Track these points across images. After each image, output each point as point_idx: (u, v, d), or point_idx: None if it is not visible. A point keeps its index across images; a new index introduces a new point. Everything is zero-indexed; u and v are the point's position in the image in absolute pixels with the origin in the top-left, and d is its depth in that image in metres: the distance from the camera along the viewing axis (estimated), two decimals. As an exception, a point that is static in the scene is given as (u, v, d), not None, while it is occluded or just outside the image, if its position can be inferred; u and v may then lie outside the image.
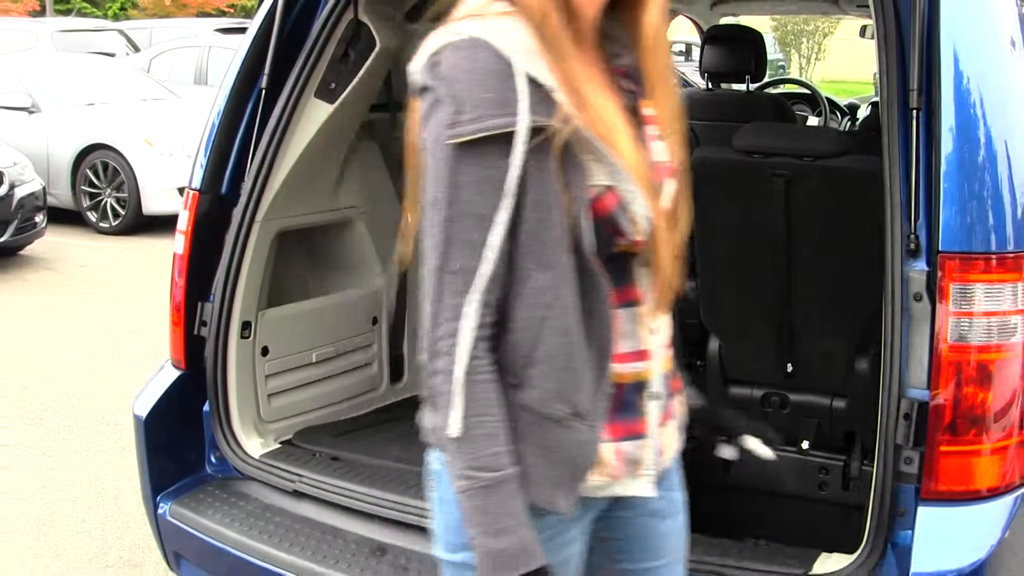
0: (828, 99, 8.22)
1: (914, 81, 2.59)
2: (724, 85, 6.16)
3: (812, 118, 7.90)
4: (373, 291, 4.46)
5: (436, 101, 1.91)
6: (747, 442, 2.43)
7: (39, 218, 10.96)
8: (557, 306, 1.97)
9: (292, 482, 3.53)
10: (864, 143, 3.51)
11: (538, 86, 1.91)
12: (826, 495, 3.60)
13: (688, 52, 23.03)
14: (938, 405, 2.54)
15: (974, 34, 2.67)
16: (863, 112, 8.22)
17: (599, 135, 1.93)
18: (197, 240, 3.73)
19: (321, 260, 4.42)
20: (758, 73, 5.41)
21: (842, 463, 3.57)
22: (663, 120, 2.06)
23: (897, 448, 2.57)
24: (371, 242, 4.43)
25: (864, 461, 3.47)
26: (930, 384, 2.55)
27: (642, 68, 2.06)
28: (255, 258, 3.77)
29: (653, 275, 2.04)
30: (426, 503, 3.25)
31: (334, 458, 3.75)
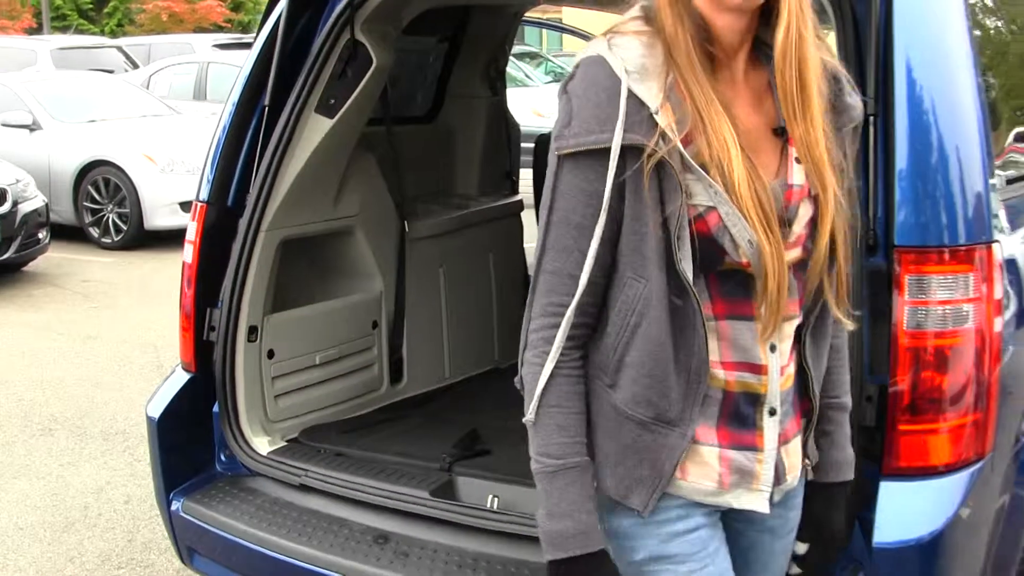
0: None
1: (871, 89, 2.71)
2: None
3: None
4: (373, 296, 4.55)
5: (559, 112, 2.03)
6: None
7: (42, 234, 10.98)
8: (649, 315, 2.03)
9: (299, 476, 3.65)
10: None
11: (641, 106, 1.98)
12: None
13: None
14: (897, 388, 2.68)
15: (927, 44, 2.80)
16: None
17: (706, 157, 1.97)
18: (205, 249, 3.84)
19: (323, 267, 4.48)
20: None
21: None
22: (800, 142, 2.03)
23: (862, 429, 2.69)
24: (370, 249, 4.53)
25: None
26: (890, 369, 2.69)
27: (777, 89, 2.03)
28: (260, 266, 3.88)
29: (760, 296, 2.04)
30: (424, 492, 3.45)
31: (338, 454, 3.87)
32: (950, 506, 2.69)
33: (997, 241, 2.84)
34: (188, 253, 3.87)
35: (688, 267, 2.00)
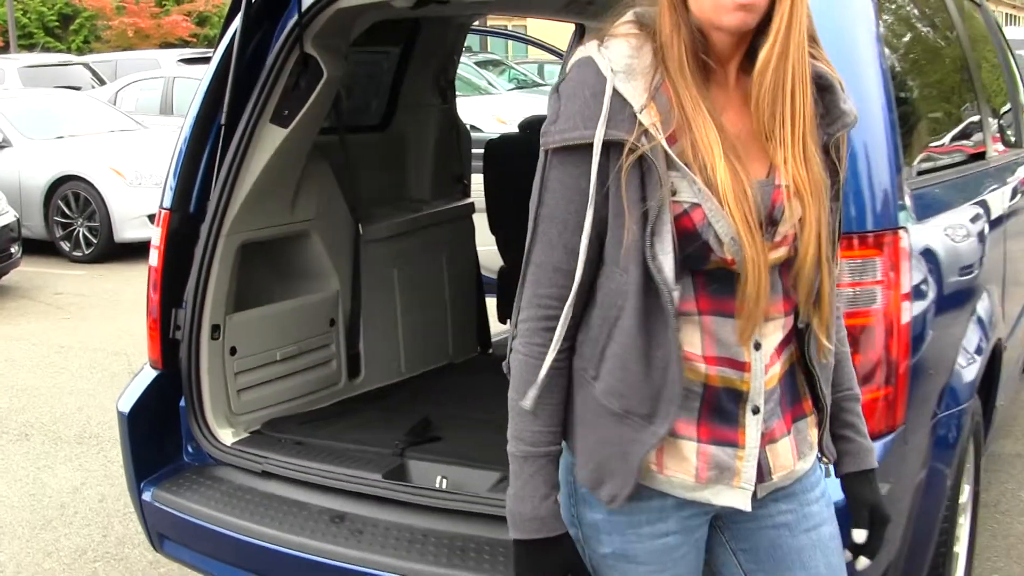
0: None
1: None
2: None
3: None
4: (330, 295, 4.68)
5: (548, 110, 2.08)
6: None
7: (14, 249, 10.97)
8: (626, 307, 2.05)
9: (260, 464, 3.82)
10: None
11: (625, 104, 2.01)
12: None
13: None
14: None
15: (837, 45, 2.86)
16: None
17: (690, 157, 2.00)
18: (169, 254, 3.99)
19: (281, 268, 4.61)
20: None
21: None
22: (777, 155, 2.04)
23: None
24: (325, 251, 4.66)
25: None
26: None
27: (751, 104, 2.06)
28: (222, 268, 4.03)
29: (739, 294, 2.05)
30: (377, 475, 3.64)
31: (298, 443, 4.02)
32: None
33: (904, 228, 3.03)
34: (153, 257, 4.01)
35: (666, 262, 2.02)
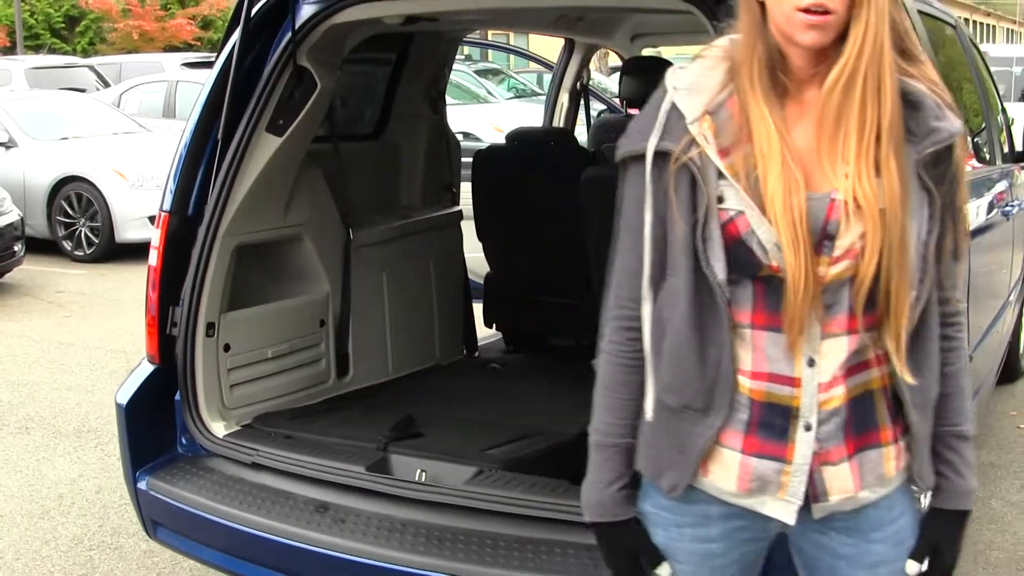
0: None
1: None
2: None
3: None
4: (320, 297, 4.80)
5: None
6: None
7: (18, 247, 11.09)
8: (678, 308, 2.12)
9: (251, 456, 3.95)
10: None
11: (680, 117, 2.11)
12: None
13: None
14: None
15: None
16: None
17: (740, 166, 2.06)
18: (168, 254, 4.12)
19: (274, 270, 4.73)
20: None
21: None
22: (850, 158, 2.04)
23: None
24: (316, 255, 4.78)
25: None
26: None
27: (816, 120, 2.09)
28: (217, 269, 4.15)
29: (784, 305, 2.07)
30: (360, 468, 3.81)
31: (287, 436, 4.15)
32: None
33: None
34: (153, 257, 4.14)
35: (719, 268, 2.07)
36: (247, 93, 4.21)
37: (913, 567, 2.27)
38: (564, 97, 7.24)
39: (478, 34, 13.89)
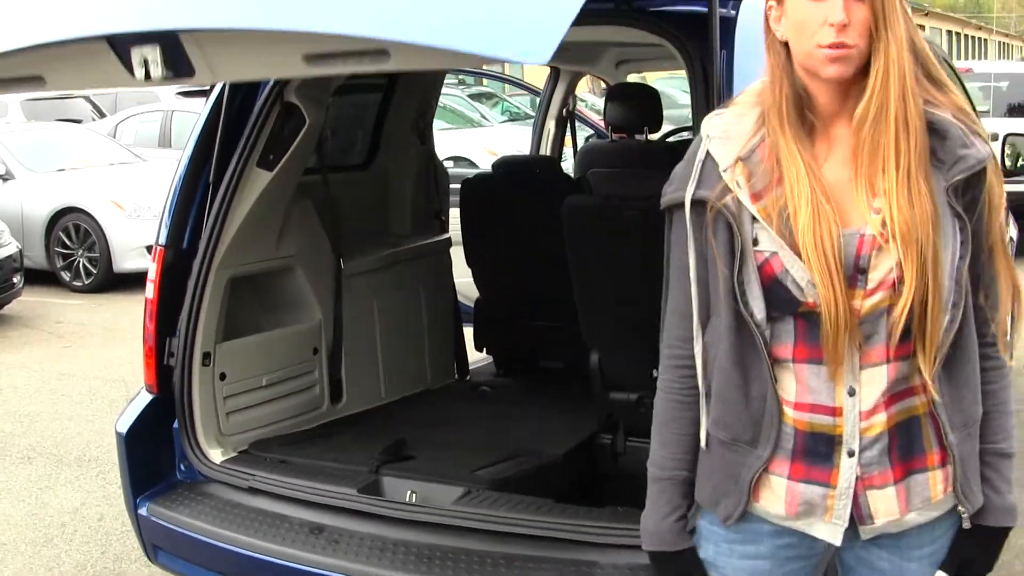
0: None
1: None
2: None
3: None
4: (313, 325, 4.89)
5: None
6: None
7: (17, 279, 11.12)
8: (721, 347, 2.22)
9: (247, 481, 4.05)
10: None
11: (715, 165, 2.20)
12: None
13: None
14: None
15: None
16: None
17: (773, 209, 2.14)
18: (164, 286, 4.23)
19: (268, 300, 4.81)
20: (655, 125, 5.60)
21: None
22: (885, 194, 2.10)
23: None
24: (309, 284, 4.87)
25: None
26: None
27: (851, 154, 2.16)
28: (212, 300, 4.25)
29: (822, 339, 2.14)
30: (352, 490, 3.91)
31: (281, 461, 4.24)
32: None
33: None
34: (149, 290, 4.26)
35: (758, 308, 2.16)
36: (238, 129, 4.32)
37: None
38: (551, 124, 7.32)
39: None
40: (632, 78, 7.52)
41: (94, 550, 5.55)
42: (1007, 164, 7.33)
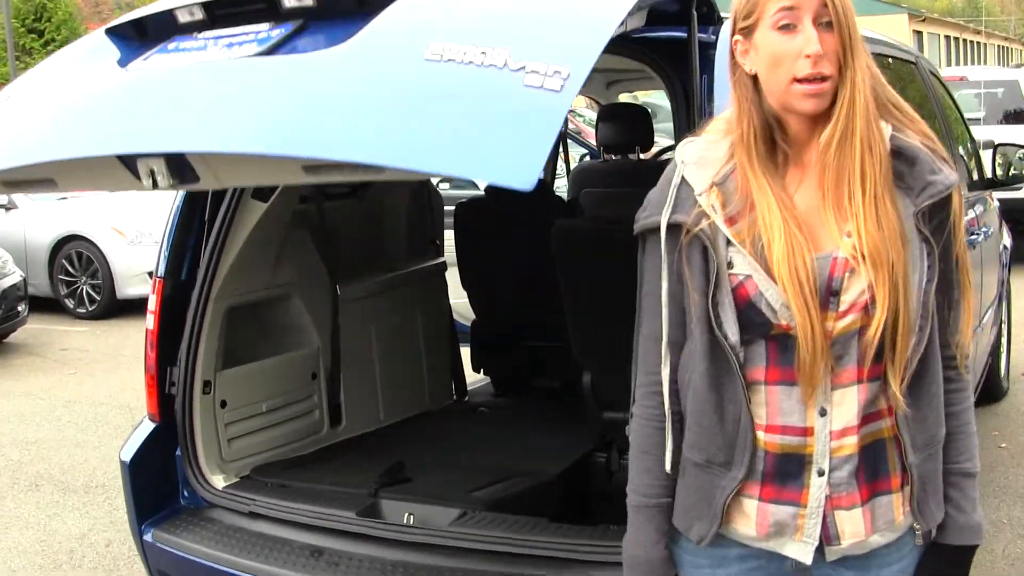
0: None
1: None
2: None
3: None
4: (311, 351, 4.96)
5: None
6: None
7: (22, 307, 11.25)
8: (696, 369, 2.23)
9: (248, 506, 4.11)
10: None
11: (690, 190, 2.21)
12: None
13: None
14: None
15: None
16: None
17: (746, 234, 2.16)
18: (164, 317, 4.29)
19: (266, 327, 4.84)
20: (646, 145, 5.75)
21: None
22: (854, 217, 2.13)
23: None
24: (306, 311, 4.94)
25: None
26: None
27: (817, 180, 2.20)
28: (211, 329, 4.32)
29: (796, 360, 2.16)
30: (351, 513, 3.99)
31: (282, 485, 4.31)
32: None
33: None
34: (150, 321, 4.32)
35: (732, 331, 2.17)
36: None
37: None
38: (544, 145, 7.37)
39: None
40: (623, 97, 7.58)
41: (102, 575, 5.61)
42: (998, 174, 7.40)
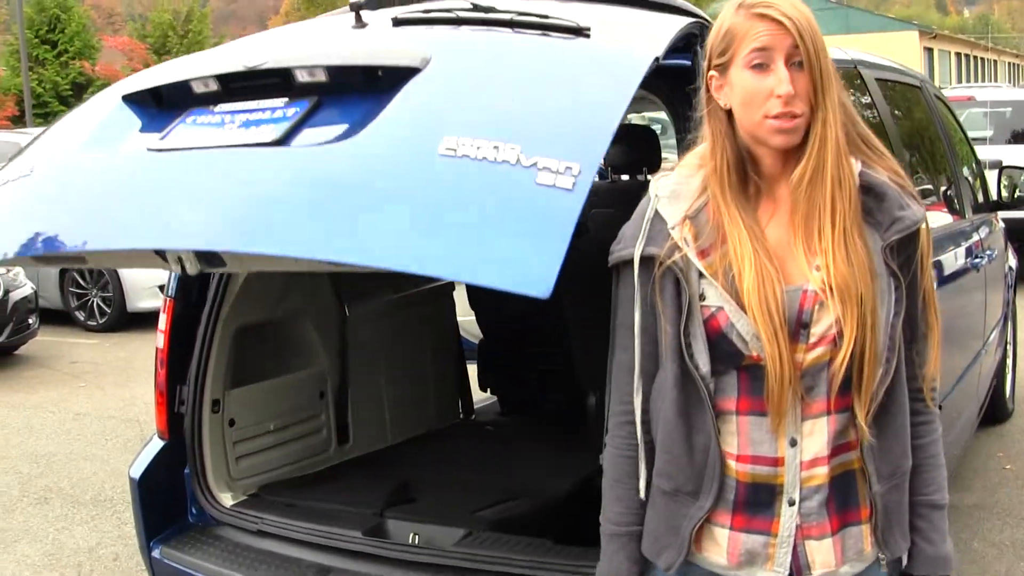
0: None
1: None
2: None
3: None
4: (319, 371, 5.01)
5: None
6: None
7: (32, 320, 11.26)
8: (666, 400, 2.25)
9: (256, 524, 4.16)
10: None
11: (663, 223, 2.24)
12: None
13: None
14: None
15: None
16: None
17: (718, 266, 2.19)
18: (174, 337, 4.35)
19: (275, 347, 4.87)
20: (653, 166, 5.64)
21: None
22: (824, 252, 2.18)
23: None
24: (315, 332, 4.99)
25: None
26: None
27: (789, 214, 2.24)
28: (220, 349, 4.37)
29: (766, 391, 2.19)
30: (358, 532, 4.04)
31: (289, 504, 4.35)
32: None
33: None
34: (160, 340, 4.38)
35: (703, 361, 2.20)
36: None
37: None
38: (552, 165, 7.38)
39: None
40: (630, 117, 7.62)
41: (109, 590, 5.63)
42: (1003, 196, 7.44)
